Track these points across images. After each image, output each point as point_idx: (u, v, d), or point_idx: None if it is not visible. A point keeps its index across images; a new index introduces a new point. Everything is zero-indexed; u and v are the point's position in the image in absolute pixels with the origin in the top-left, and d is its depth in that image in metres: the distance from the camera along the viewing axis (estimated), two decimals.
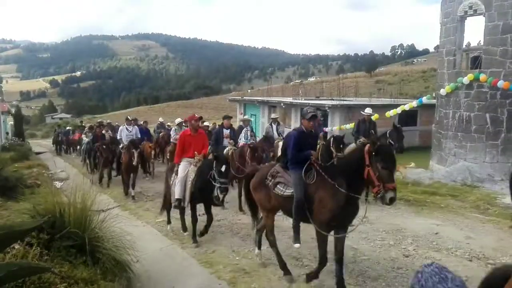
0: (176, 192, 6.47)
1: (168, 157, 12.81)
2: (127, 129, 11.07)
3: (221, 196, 5.88)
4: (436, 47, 25.43)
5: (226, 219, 7.80)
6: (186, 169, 6.48)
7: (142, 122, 16.03)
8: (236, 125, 18.90)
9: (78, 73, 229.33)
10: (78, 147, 19.28)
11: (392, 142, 8.90)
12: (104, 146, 11.84)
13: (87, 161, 14.16)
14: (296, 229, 4.83)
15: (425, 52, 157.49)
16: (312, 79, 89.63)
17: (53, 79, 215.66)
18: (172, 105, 77.01)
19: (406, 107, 16.07)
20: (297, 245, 4.89)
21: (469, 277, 4.95)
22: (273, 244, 5.26)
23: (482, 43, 12.53)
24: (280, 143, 10.62)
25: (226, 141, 9.31)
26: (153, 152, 12.58)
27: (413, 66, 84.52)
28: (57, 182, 9.47)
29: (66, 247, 4.08)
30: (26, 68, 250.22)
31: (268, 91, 32.03)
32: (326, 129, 17.70)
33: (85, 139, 15.30)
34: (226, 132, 9.46)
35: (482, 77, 11.72)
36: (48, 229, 4.07)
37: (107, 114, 64.15)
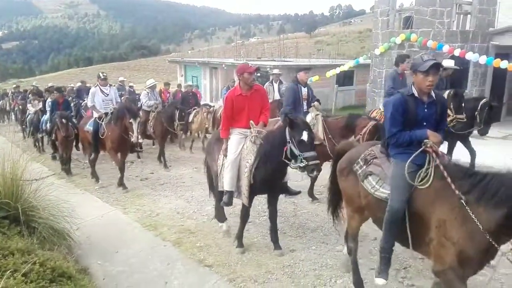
0: (225, 182, 4.54)
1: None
2: (102, 91, 7.89)
3: (313, 175, 4.26)
4: (372, 8, 26.16)
5: (170, 182, 7.77)
6: (239, 146, 4.53)
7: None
8: (173, 88, 18.32)
9: None
10: (14, 116, 17.04)
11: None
12: (63, 120, 8.30)
13: (35, 136, 11.49)
14: (385, 255, 3.19)
15: (362, 12, 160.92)
16: (253, 39, 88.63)
17: None
18: (107, 67, 72.57)
19: (345, 68, 16.56)
20: (381, 281, 3.19)
21: None
22: (351, 252, 3.81)
23: (413, 3, 13.06)
24: None
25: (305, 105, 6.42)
26: None
27: (351, 26, 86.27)
28: None
29: None
30: None
31: (209, 52, 31.35)
32: None
33: (31, 108, 12.00)
34: (304, 91, 6.40)
35: (413, 37, 12.32)
36: None
37: (35, 78, 59.34)
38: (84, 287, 3.39)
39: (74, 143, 8.77)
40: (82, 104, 11.82)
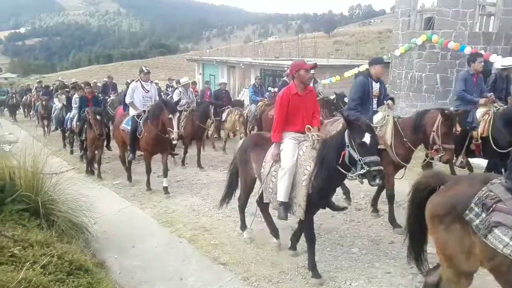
0: (280, 191, 4.01)
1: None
2: (143, 87, 7.25)
3: (375, 183, 3.48)
4: (392, 8, 25.96)
5: (186, 179, 7.82)
6: (295, 152, 4.03)
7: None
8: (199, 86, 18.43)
9: (22, 30, 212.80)
10: (33, 111, 17.27)
11: None
12: (97, 117, 7.70)
13: (64, 133, 10.97)
14: None
15: (382, 12, 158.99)
16: (271, 38, 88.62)
17: None
18: (126, 64, 73.59)
19: (364, 68, 16.33)
20: None
21: None
22: None
23: (435, 4, 12.83)
24: None
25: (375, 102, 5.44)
26: None
27: (370, 26, 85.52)
28: (5, 145, 8.98)
29: (18, 211, 3.98)
30: None
31: (227, 50, 31.43)
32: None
33: (57, 103, 11.44)
34: (376, 87, 5.41)
35: (434, 38, 12.10)
36: None
37: (56, 74, 60.61)
38: (101, 281, 3.43)
39: (105, 143, 8.32)
40: (108, 101, 11.78)
